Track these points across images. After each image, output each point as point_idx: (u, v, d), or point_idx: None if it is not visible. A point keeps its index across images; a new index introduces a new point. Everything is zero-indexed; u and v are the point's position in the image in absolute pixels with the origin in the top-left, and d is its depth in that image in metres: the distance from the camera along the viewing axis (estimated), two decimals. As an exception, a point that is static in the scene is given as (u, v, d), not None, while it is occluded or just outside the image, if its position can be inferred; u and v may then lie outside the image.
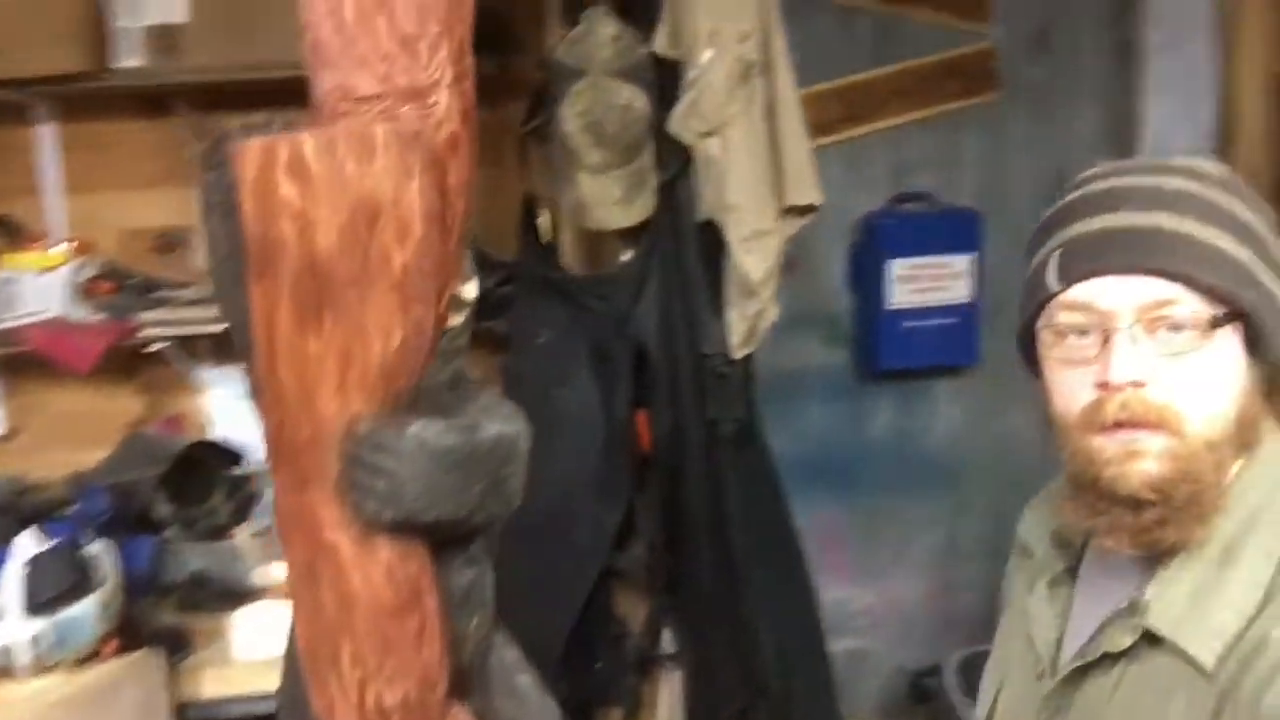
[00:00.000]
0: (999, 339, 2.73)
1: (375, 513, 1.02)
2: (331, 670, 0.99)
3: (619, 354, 1.87)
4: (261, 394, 0.99)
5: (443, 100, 0.96)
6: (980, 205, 2.65)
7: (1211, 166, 0.98)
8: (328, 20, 0.97)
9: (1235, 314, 0.93)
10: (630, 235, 1.86)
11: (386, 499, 0.98)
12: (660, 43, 1.81)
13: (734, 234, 1.79)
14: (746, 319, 1.83)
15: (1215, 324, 0.92)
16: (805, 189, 1.81)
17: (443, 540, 1.06)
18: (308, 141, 0.87)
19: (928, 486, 2.76)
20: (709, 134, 1.75)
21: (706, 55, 1.72)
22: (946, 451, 2.77)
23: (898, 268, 2.56)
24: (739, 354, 1.87)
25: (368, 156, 0.90)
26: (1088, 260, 0.94)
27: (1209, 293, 0.92)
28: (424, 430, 0.97)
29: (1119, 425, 0.92)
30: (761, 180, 1.80)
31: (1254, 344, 0.94)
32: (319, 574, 0.99)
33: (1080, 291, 0.94)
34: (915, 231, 2.57)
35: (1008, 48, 2.66)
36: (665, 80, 1.84)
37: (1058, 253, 0.97)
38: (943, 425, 2.77)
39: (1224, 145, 2.64)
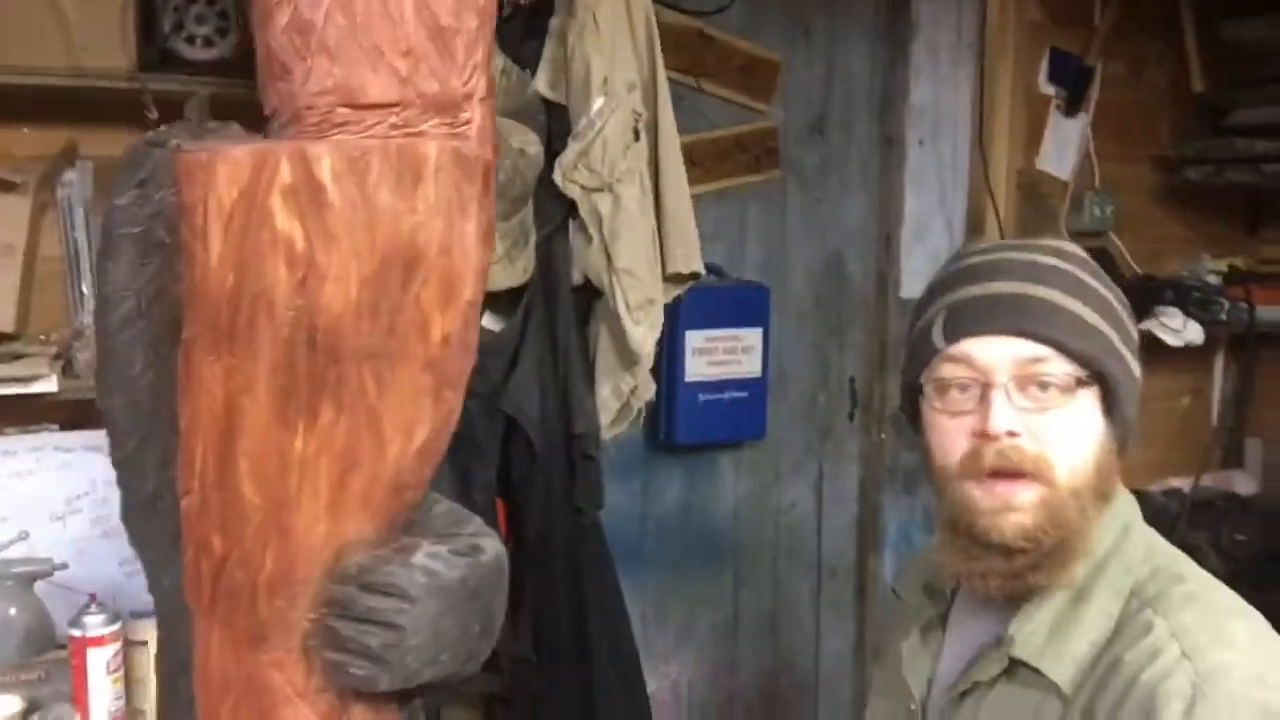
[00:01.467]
0: (782, 412, 2.79)
1: (365, 680, 0.76)
2: None
3: (484, 436, 1.63)
4: (190, 512, 0.71)
5: (476, 118, 0.74)
6: (764, 280, 2.66)
7: (1073, 248, 1.10)
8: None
9: (1095, 376, 1.03)
10: (498, 299, 1.63)
11: (384, 660, 0.73)
12: (541, 83, 1.62)
13: (623, 301, 1.62)
14: (621, 395, 1.67)
15: (1079, 384, 1.03)
16: (691, 256, 1.69)
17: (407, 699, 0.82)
18: (324, 156, 0.62)
19: (711, 562, 2.71)
20: (598, 189, 1.59)
21: (598, 103, 1.55)
22: (730, 525, 2.73)
23: (694, 340, 2.50)
24: (609, 434, 1.70)
25: (412, 183, 0.66)
26: (970, 321, 1.05)
27: (1075, 356, 1.02)
28: (432, 560, 0.74)
29: (995, 475, 1.01)
30: (651, 244, 1.65)
31: (1109, 406, 1.05)
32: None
33: (962, 348, 1.04)
34: (710, 303, 2.51)
35: (787, 129, 2.71)
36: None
37: (943, 314, 1.07)
38: (728, 499, 2.72)
39: (973, 235, 2.83)
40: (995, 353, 1.03)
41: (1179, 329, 2.85)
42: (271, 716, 0.73)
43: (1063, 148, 2.95)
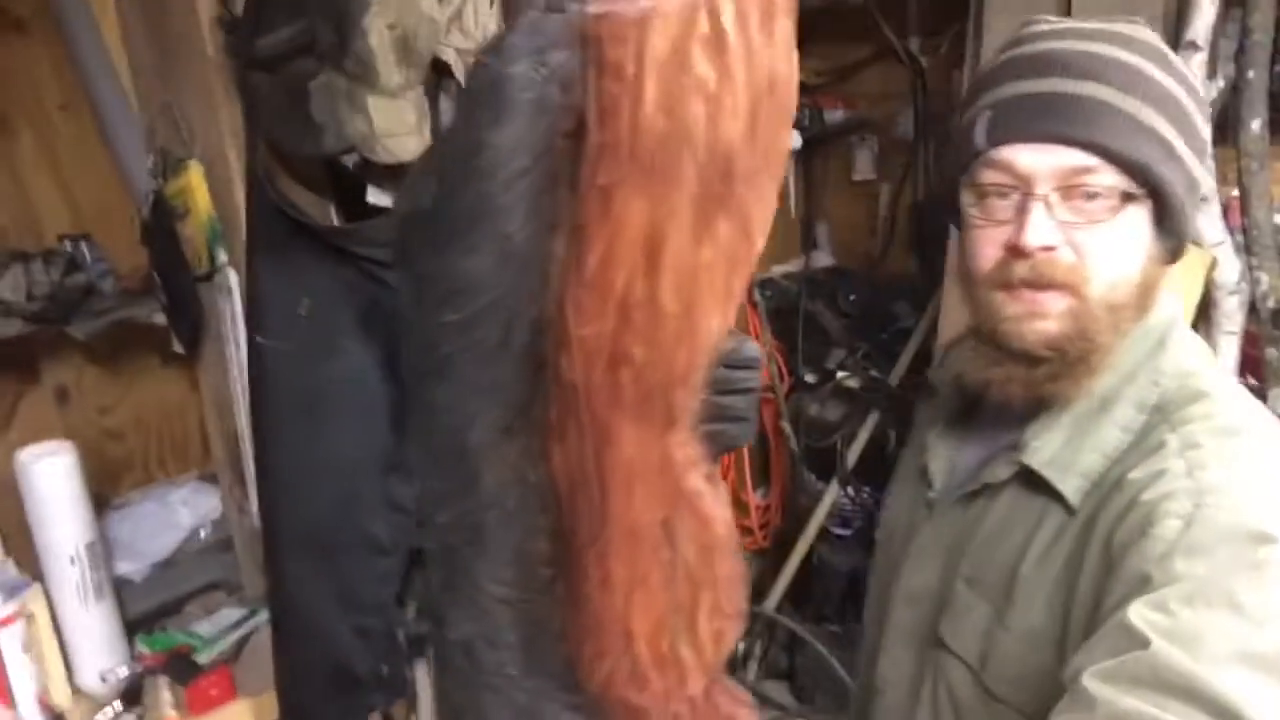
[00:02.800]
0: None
1: (736, 439, 0.93)
2: (685, 634, 0.93)
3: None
4: (600, 336, 0.84)
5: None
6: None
7: (1146, 34, 1.02)
8: None
9: (1148, 188, 0.97)
10: (383, 172, 1.60)
11: (749, 419, 0.92)
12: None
13: None
14: None
15: (1128, 199, 0.97)
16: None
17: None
18: (726, 5, 0.78)
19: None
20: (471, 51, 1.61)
21: None
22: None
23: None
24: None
25: (770, 26, 0.83)
26: (1014, 123, 0.98)
27: (1126, 166, 0.96)
28: (751, 347, 0.94)
29: (1025, 285, 0.99)
30: None
31: (1161, 219, 1.00)
32: (676, 531, 0.91)
33: (1004, 154, 0.99)
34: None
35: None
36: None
37: (987, 113, 1.01)
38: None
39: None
40: (1038, 160, 0.97)
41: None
42: (680, 487, 0.89)
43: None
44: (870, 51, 3.67)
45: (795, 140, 3.53)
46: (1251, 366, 2.85)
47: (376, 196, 1.69)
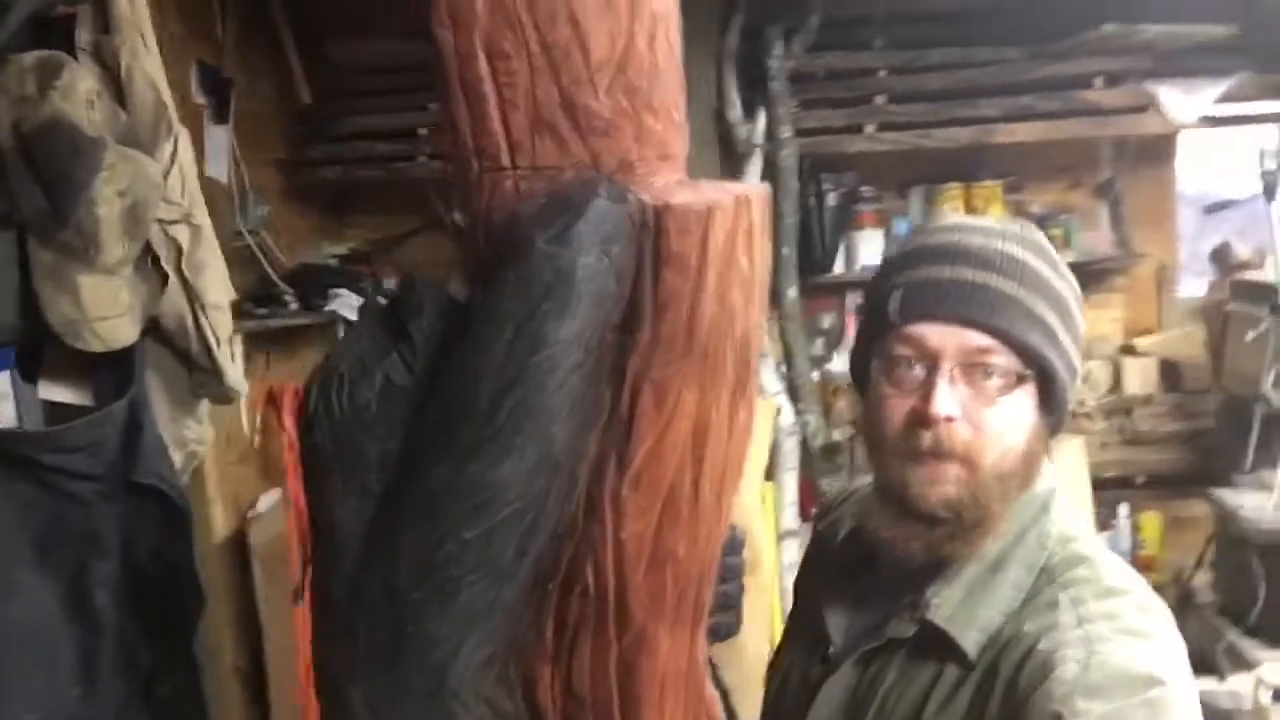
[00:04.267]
0: None
1: (729, 628, 0.90)
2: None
3: (102, 522, 1.25)
4: (645, 535, 0.83)
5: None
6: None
7: (1034, 236, 1.14)
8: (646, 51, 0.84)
9: (1037, 370, 1.08)
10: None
11: (736, 612, 0.93)
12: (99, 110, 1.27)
13: (212, 338, 1.40)
14: (186, 445, 1.45)
15: (1020, 379, 1.07)
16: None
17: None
18: (754, 199, 0.87)
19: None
20: (176, 221, 1.34)
21: (174, 128, 1.32)
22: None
23: None
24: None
25: (764, 218, 0.89)
26: (923, 304, 1.08)
27: (1019, 350, 1.07)
28: (738, 530, 0.97)
29: (928, 453, 1.06)
30: (225, 273, 1.44)
31: (1045, 400, 1.10)
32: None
33: (914, 329, 1.08)
34: None
35: None
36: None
37: (899, 292, 1.10)
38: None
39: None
40: (945, 338, 1.06)
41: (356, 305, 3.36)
42: (700, 694, 0.86)
43: (219, 153, 3.12)
44: (418, 222, 3.76)
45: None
46: (808, 496, 3.31)
47: (56, 393, 1.36)
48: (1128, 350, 3.64)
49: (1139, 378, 3.53)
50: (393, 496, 0.79)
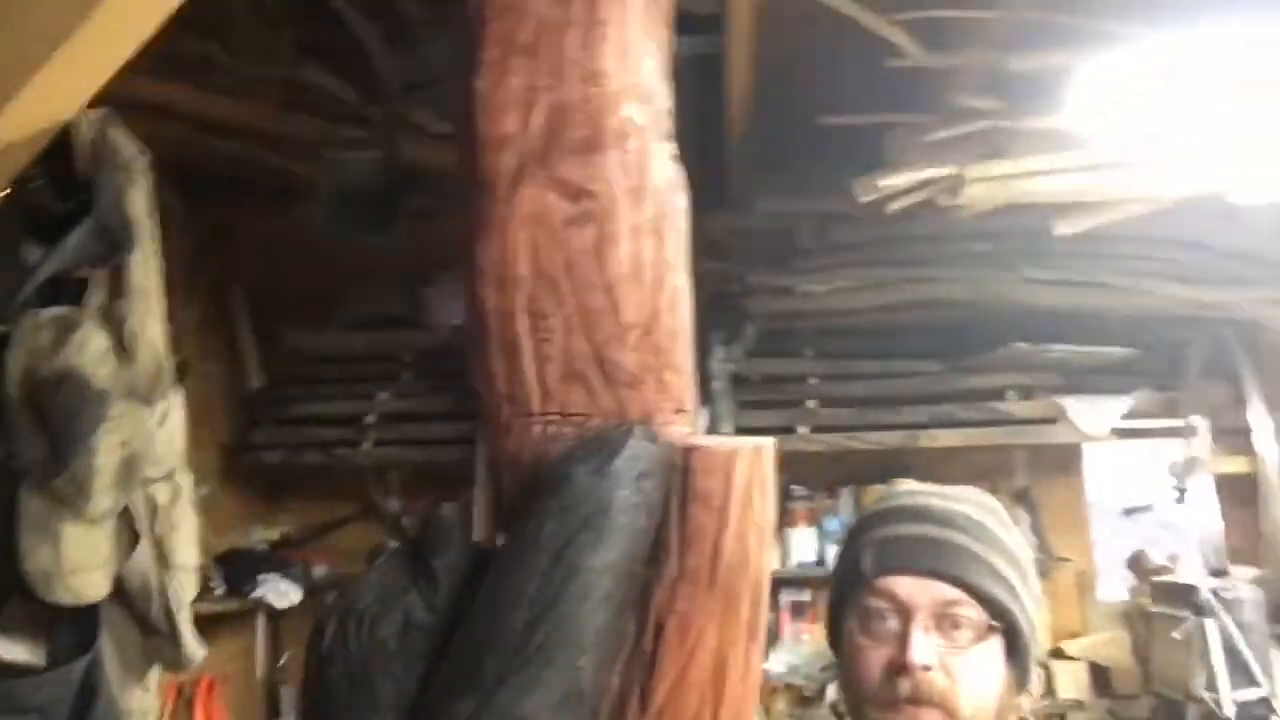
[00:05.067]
0: None
1: None
2: None
3: None
4: None
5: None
6: None
7: (990, 500, 1.24)
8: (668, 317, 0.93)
9: (1004, 623, 1.14)
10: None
11: None
12: (104, 372, 1.30)
13: (175, 602, 1.35)
14: (132, 718, 1.37)
15: (989, 630, 1.14)
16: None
17: None
18: (765, 449, 0.93)
19: None
20: (157, 480, 1.34)
21: (170, 390, 1.35)
22: None
23: None
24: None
25: (772, 470, 0.96)
26: (894, 559, 1.15)
27: (986, 602, 1.13)
28: None
29: (908, 701, 1.11)
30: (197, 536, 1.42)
31: (1011, 651, 1.16)
32: None
33: (887, 582, 1.14)
34: None
35: None
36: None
37: (871, 549, 1.18)
38: None
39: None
40: (916, 590, 1.13)
41: (284, 592, 3.27)
42: None
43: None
44: (354, 509, 3.75)
45: (295, 594, 3.38)
46: None
47: (10, 650, 1.29)
48: (1057, 654, 3.67)
49: (1071, 681, 3.54)
50: (416, 731, 0.78)
